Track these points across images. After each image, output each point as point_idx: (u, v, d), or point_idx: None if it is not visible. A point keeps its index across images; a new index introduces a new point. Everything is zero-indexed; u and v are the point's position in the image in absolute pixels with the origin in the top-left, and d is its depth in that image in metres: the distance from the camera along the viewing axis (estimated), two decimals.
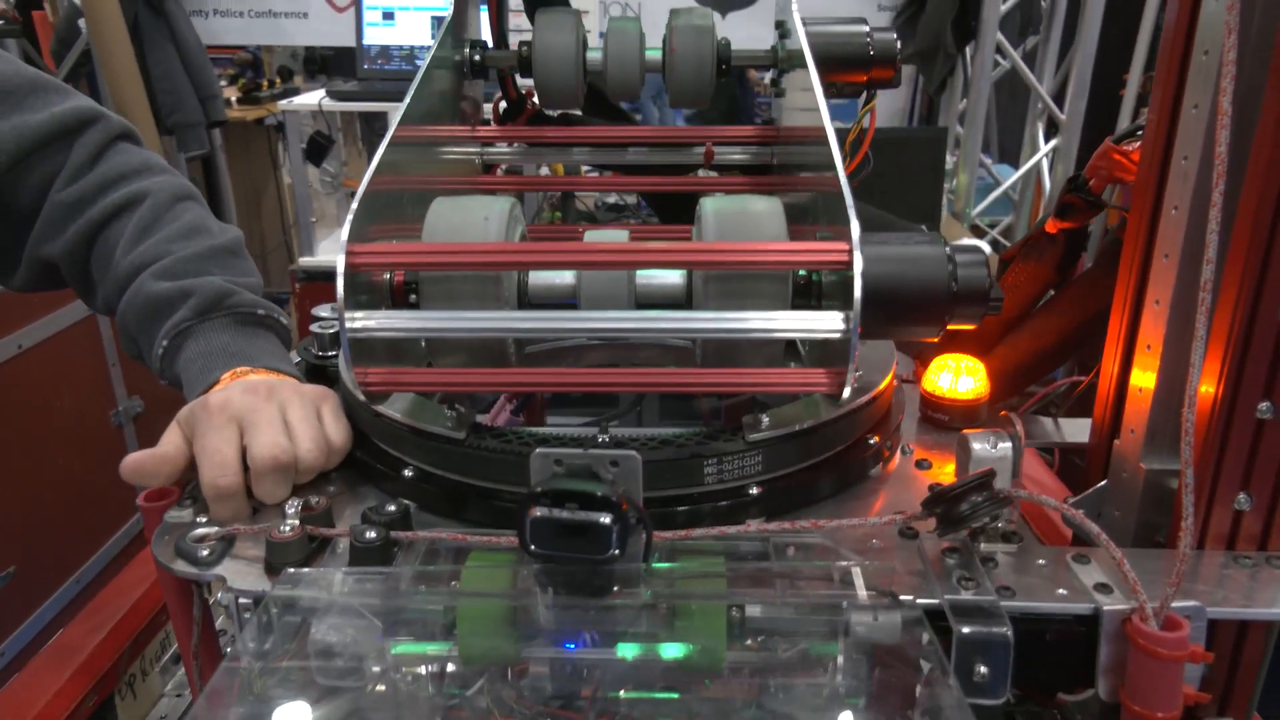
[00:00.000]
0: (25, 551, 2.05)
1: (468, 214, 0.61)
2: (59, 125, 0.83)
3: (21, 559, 2.05)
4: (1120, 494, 0.68)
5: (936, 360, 0.79)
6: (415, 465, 0.65)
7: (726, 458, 0.62)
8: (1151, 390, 0.64)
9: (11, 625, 2.04)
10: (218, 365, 0.75)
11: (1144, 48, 2.98)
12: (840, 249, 0.56)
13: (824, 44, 0.84)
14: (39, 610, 2.09)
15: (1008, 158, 3.77)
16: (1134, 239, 0.65)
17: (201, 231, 0.84)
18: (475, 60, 0.88)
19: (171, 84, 2.80)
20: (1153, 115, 0.64)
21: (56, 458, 2.15)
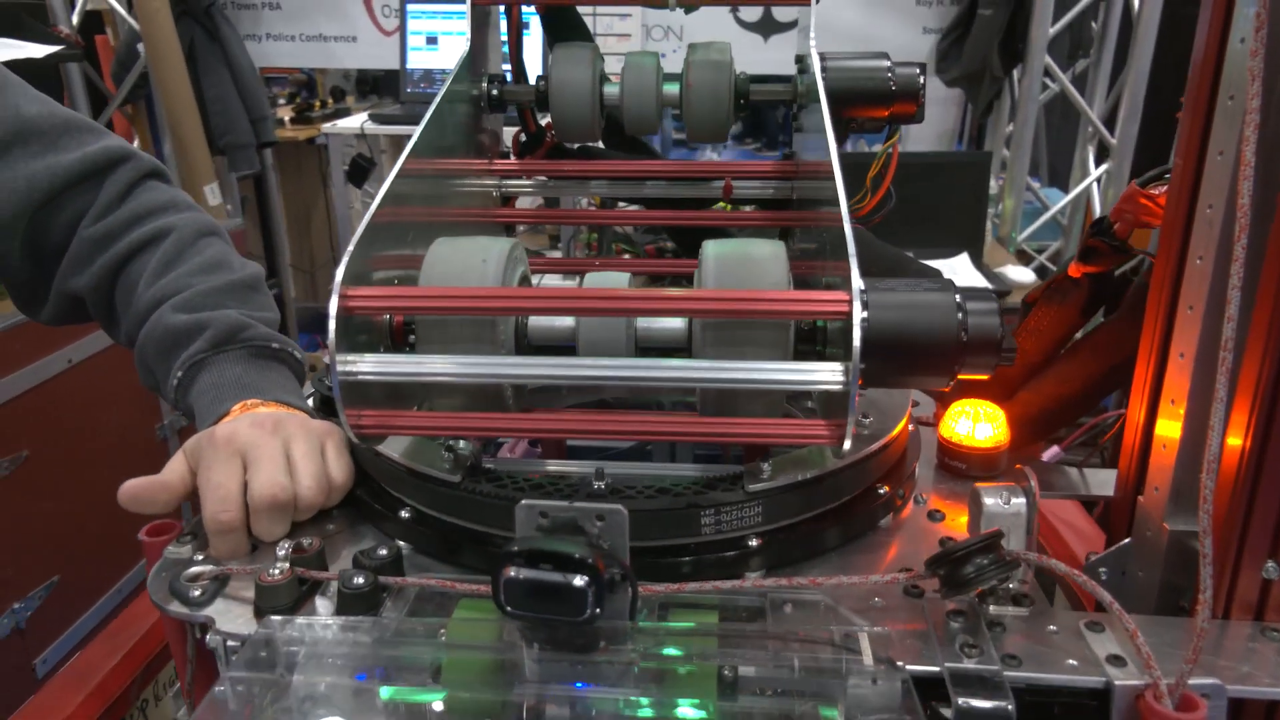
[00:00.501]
0: (68, 562, 2.10)
1: (466, 256, 0.60)
2: (90, 164, 0.85)
3: (64, 569, 2.11)
4: (1144, 554, 0.64)
5: (954, 405, 0.76)
6: (412, 506, 0.65)
7: (725, 508, 0.60)
8: (1176, 447, 0.61)
9: (54, 634, 2.09)
10: (229, 397, 0.75)
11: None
12: (840, 298, 0.54)
13: (844, 79, 0.82)
14: (80, 620, 2.14)
15: (1058, 180, 3.69)
16: (1159, 287, 0.62)
17: (222, 267, 0.85)
18: (493, 95, 0.88)
19: (224, 106, 2.87)
20: (1179, 159, 0.61)
21: (101, 470, 2.20)
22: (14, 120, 0.83)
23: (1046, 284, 0.76)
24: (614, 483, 0.61)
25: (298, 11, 2.97)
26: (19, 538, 1.99)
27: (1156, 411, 0.64)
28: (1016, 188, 2.81)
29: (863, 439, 0.69)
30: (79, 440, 2.11)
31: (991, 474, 0.75)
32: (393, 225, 0.67)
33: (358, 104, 4.83)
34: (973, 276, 2.36)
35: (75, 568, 2.11)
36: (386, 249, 0.65)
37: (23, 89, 0.86)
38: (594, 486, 0.61)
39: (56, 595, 2.09)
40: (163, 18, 2.66)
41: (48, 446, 2.06)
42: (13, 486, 1.95)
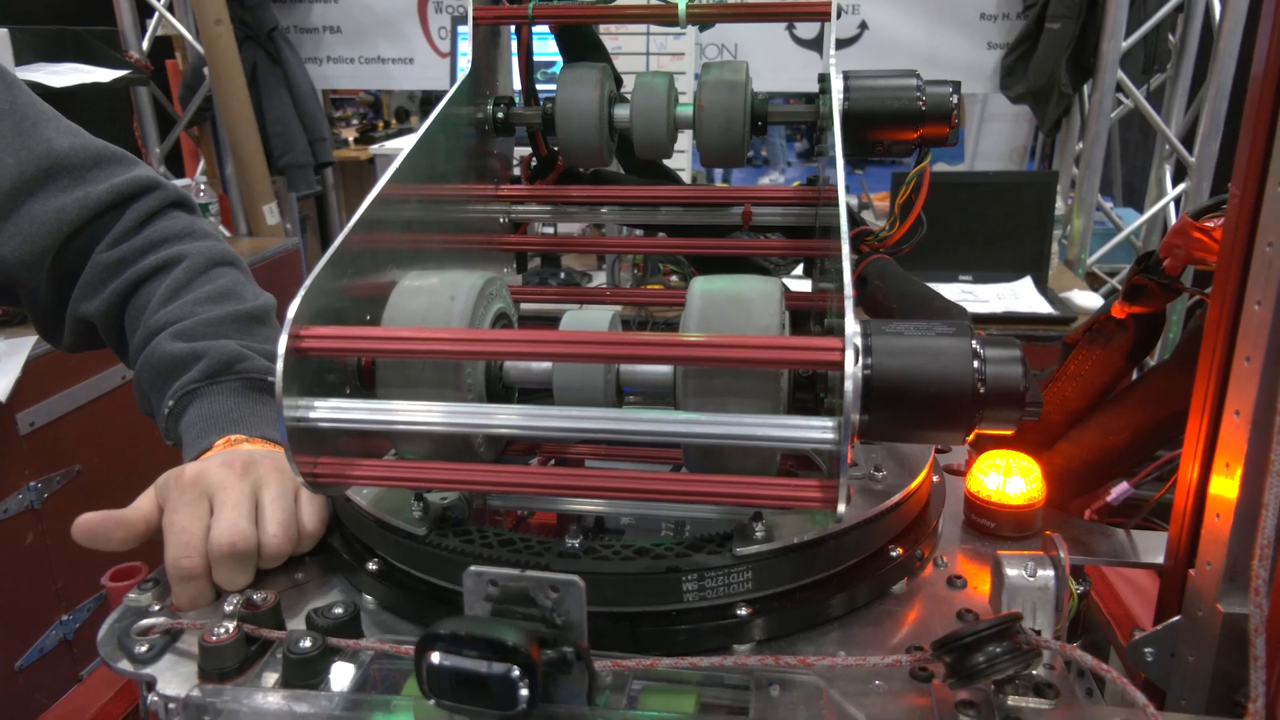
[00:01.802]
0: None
1: (433, 294, 0.56)
2: (117, 195, 0.85)
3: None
4: (1194, 635, 0.56)
5: (984, 457, 0.69)
6: (379, 558, 0.60)
7: (710, 573, 0.54)
8: (1230, 516, 0.53)
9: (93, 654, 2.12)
10: (214, 430, 0.73)
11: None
12: (834, 345, 0.48)
13: (870, 99, 0.76)
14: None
15: (1135, 200, 3.52)
16: (1214, 334, 0.55)
17: (230, 296, 0.84)
18: (498, 118, 0.84)
19: (284, 128, 2.92)
20: (1235, 189, 0.54)
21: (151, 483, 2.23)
22: (45, 155, 0.83)
23: (1087, 324, 0.68)
24: (588, 543, 0.56)
25: (357, 35, 3.01)
26: (69, 551, 2.02)
27: (1209, 473, 0.56)
28: (1086, 208, 2.67)
29: (874, 495, 0.62)
30: (130, 455, 2.15)
31: (1024, 534, 0.67)
32: (382, 252, 0.63)
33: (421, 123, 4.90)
34: (1036, 302, 2.24)
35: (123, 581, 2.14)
36: (374, 276, 0.62)
37: (55, 121, 0.86)
38: (566, 545, 0.56)
39: (104, 608, 2.12)
40: (226, 42, 2.73)
41: (100, 461, 2.10)
42: (64, 500, 1.98)
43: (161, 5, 2.90)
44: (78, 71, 2.51)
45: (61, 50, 2.57)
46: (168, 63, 3.14)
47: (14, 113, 0.83)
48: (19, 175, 0.82)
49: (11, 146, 0.82)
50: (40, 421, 1.94)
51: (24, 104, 0.84)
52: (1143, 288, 0.63)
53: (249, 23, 2.82)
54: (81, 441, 2.05)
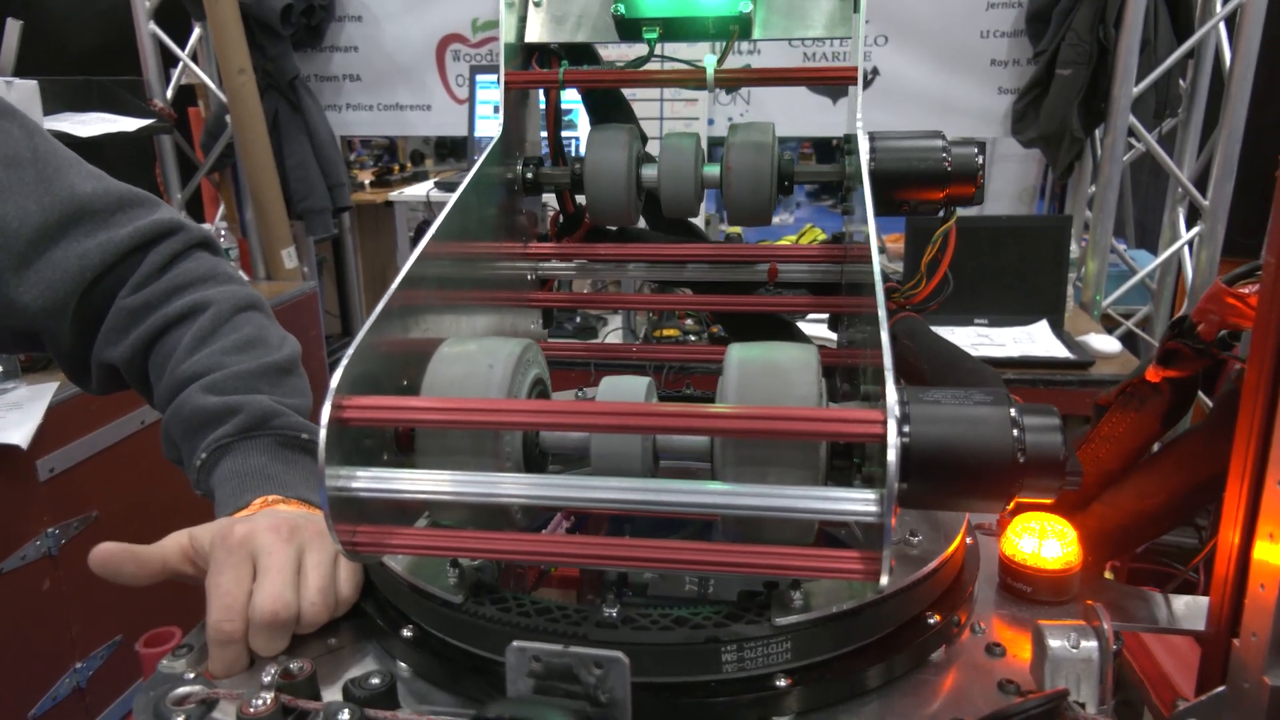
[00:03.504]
0: (131, 621, 2.13)
1: (471, 362, 0.57)
2: (141, 237, 0.85)
3: (128, 629, 2.13)
4: (1241, 708, 0.55)
5: (1018, 519, 0.68)
6: (414, 625, 0.60)
7: (749, 643, 0.54)
8: (1276, 588, 0.52)
9: (113, 694, 2.11)
10: (250, 488, 0.73)
11: None
12: (874, 418, 0.48)
13: (896, 160, 0.77)
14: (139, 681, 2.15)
15: (1148, 242, 3.52)
16: (1252, 399, 0.55)
17: (258, 344, 0.84)
18: (528, 178, 0.85)
19: (304, 173, 2.97)
20: (1270, 256, 0.54)
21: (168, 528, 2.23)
22: (69, 200, 0.83)
23: (1121, 387, 0.68)
24: (625, 610, 0.55)
25: (376, 82, 3.07)
26: (85, 597, 2.02)
27: (1251, 540, 0.55)
28: (1100, 251, 2.68)
29: (910, 560, 0.62)
30: (147, 500, 2.15)
31: (1061, 599, 0.67)
32: (418, 308, 0.64)
33: (435, 167, 4.98)
34: (1052, 345, 2.24)
35: (139, 627, 2.13)
36: (408, 334, 0.62)
37: (78, 167, 0.86)
38: (604, 614, 0.55)
39: (118, 655, 2.11)
40: (248, 91, 2.78)
41: (118, 506, 2.11)
42: (81, 546, 1.98)
43: (186, 55, 2.96)
44: (104, 121, 2.56)
45: (88, 100, 2.62)
46: (190, 110, 3.20)
47: (36, 160, 0.83)
48: (43, 222, 0.81)
49: (35, 193, 0.82)
50: (60, 468, 1.95)
51: (46, 150, 0.84)
52: (1177, 352, 0.63)
53: (271, 72, 2.88)
54: (100, 487, 2.06)
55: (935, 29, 2.74)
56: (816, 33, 0.82)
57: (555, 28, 0.85)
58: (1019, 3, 2.70)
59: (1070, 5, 2.54)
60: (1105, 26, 2.50)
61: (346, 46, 3.06)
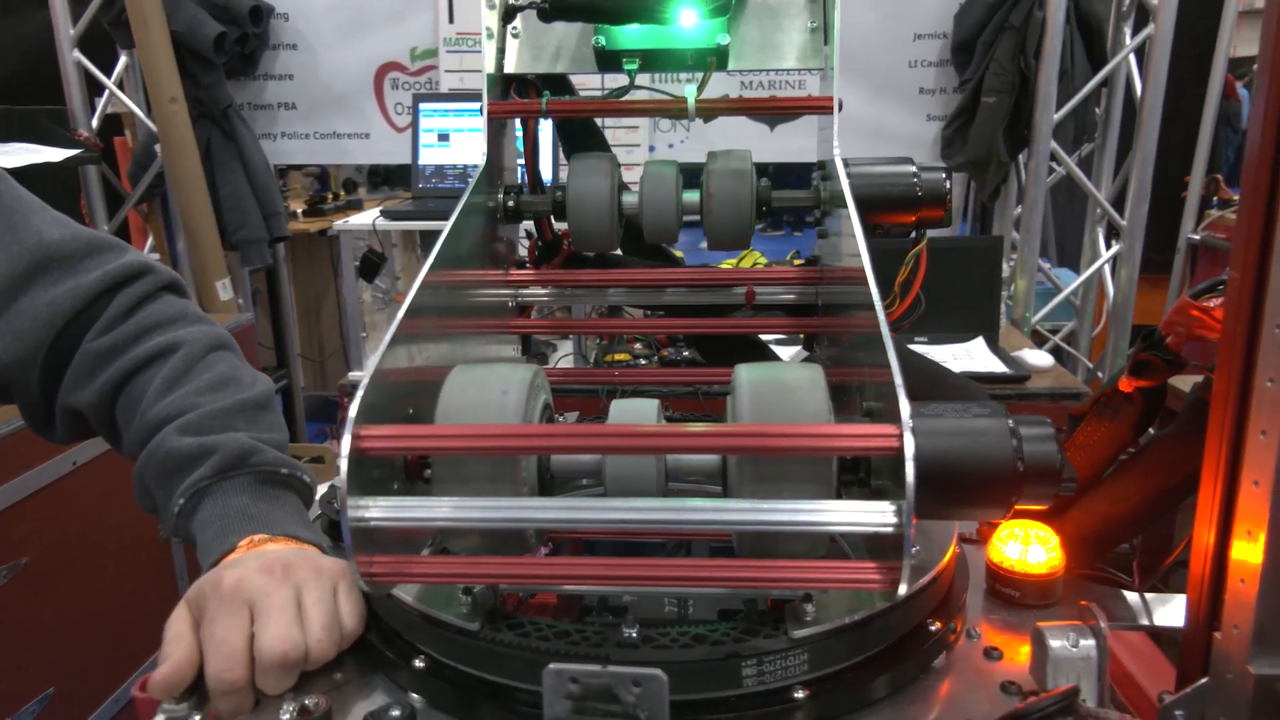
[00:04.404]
0: (64, 672, 2.03)
1: (484, 388, 0.57)
2: (110, 280, 0.83)
3: (61, 679, 2.03)
4: (1226, 698, 0.59)
5: (1003, 527, 0.71)
6: (427, 655, 0.60)
7: (767, 657, 0.55)
8: (1256, 581, 0.56)
9: None
10: (234, 530, 0.71)
11: (1204, 150, 2.92)
12: (889, 433, 0.50)
13: (870, 185, 0.80)
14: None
15: (1068, 260, 3.69)
16: (1222, 408, 0.58)
17: (231, 384, 0.82)
18: (509, 206, 0.86)
19: (238, 203, 2.90)
20: (1235, 272, 0.58)
21: (104, 574, 2.14)
22: (36, 248, 0.81)
23: (1095, 398, 0.72)
24: (644, 630, 0.56)
25: (312, 110, 3.03)
26: (16, 648, 1.92)
27: (1228, 539, 0.59)
28: (1029, 270, 2.80)
29: (911, 570, 0.64)
30: (81, 545, 2.06)
31: (1047, 602, 0.70)
32: (414, 337, 0.64)
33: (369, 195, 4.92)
34: (990, 361, 2.32)
35: (72, 679, 2.04)
36: (410, 361, 0.62)
37: (43, 213, 0.84)
38: (624, 635, 0.56)
39: (51, 708, 2.00)
40: (180, 120, 2.71)
41: (49, 552, 2.01)
42: (10, 595, 1.89)
43: (112, 83, 2.88)
44: (28, 151, 2.46)
45: (9, 131, 2.53)
46: (116, 140, 3.11)
47: (1, 209, 0.81)
48: (10, 272, 0.79)
49: (2, 243, 0.80)
50: None
51: (10, 198, 0.82)
52: (1148, 363, 0.67)
53: (204, 100, 2.82)
54: (31, 532, 1.96)
55: (866, 59, 2.83)
56: (789, 64, 0.85)
57: (534, 59, 0.86)
58: (944, 34, 2.82)
59: (992, 37, 2.66)
60: (1026, 57, 2.63)
61: (281, 75, 3.01)
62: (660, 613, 0.82)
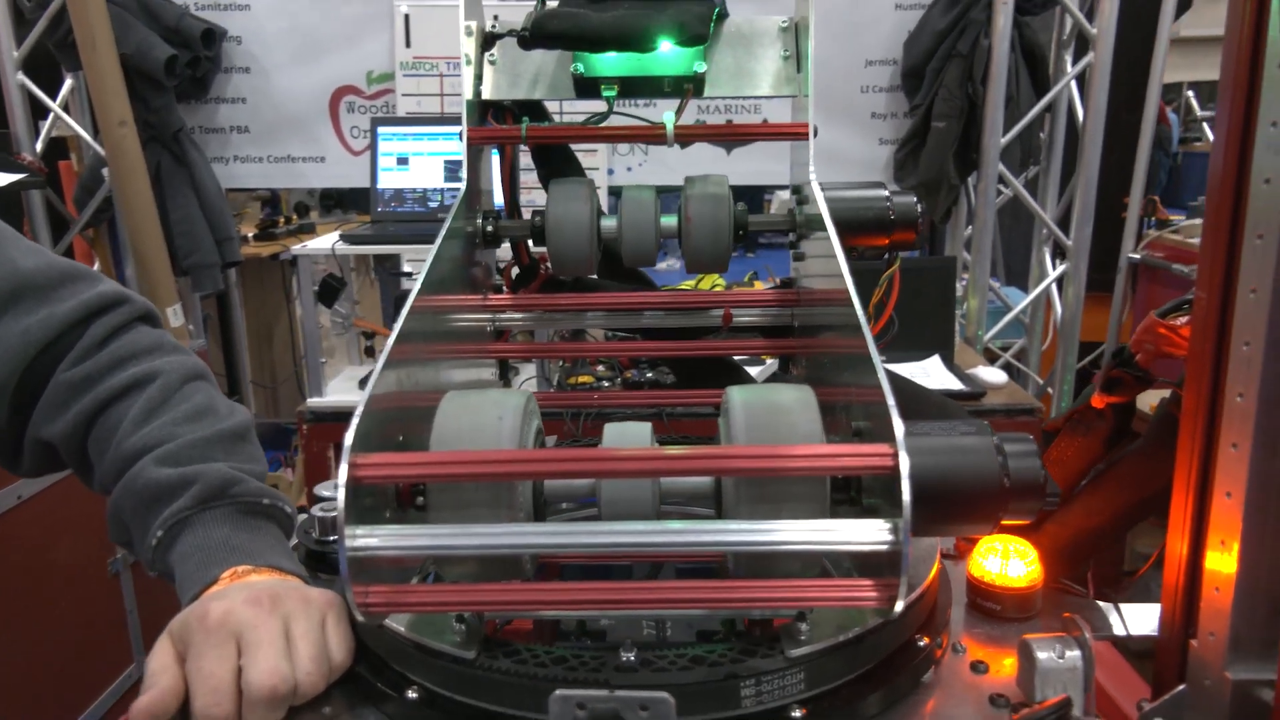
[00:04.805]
0: (14, 707, 1.95)
1: (479, 414, 0.57)
2: (84, 310, 0.82)
3: (12, 714, 1.95)
4: (1204, 703, 0.61)
5: (982, 542, 0.73)
6: (420, 685, 0.59)
7: (766, 677, 0.56)
8: (1231, 589, 0.58)
9: None
10: (216, 561, 0.70)
11: (1141, 172, 3.03)
12: (883, 452, 0.51)
13: (844, 209, 0.82)
14: None
15: (1014, 279, 3.79)
16: (1192, 423, 0.61)
17: (209, 414, 0.81)
18: (488, 231, 0.86)
19: (190, 227, 2.85)
20: (1201, 292, 0.61)
21: (52, 608, 2.07)
22: (10, 277, 0.79)
23: (1068, 415, 0.75)
24: (642, 653, 0.56)
25: (265, 134, 2.99)
26: None
27: (1201, 549, 0.61)
28: (980, 289, 2.87)
29: None
30: (27, 581, 1.99)
31: (1027, 615, 0.71)
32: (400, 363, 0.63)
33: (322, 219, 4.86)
34: (947, 379, 2.37)
35: (21, 714, 1.96)
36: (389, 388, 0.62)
37: (17, 241, 0.83)
38: (622, 659, 0.56)
39: None
40: (130, 143, 2.66)
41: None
42: None
43: (58, 107, 2.82)
44: None
45: None
46: (61, 164, 3.03)
47: None
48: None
49: None
50: None
51: None
52: (1119, 380, 0.70)
53: (154, 124, 2.77)
54: None
55: (819, 84, 2.87)
56: (764, 91, 0.87)
57: (512, 85, 0.87)
58: (894, 60, 2.90)
59: (941, 64, 2.74)
60: (973, 83, 2.71)
61: (234, 98, 2.97)
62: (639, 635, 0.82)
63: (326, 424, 2.32)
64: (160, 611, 2.36)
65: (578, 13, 0.78)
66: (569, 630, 0.78)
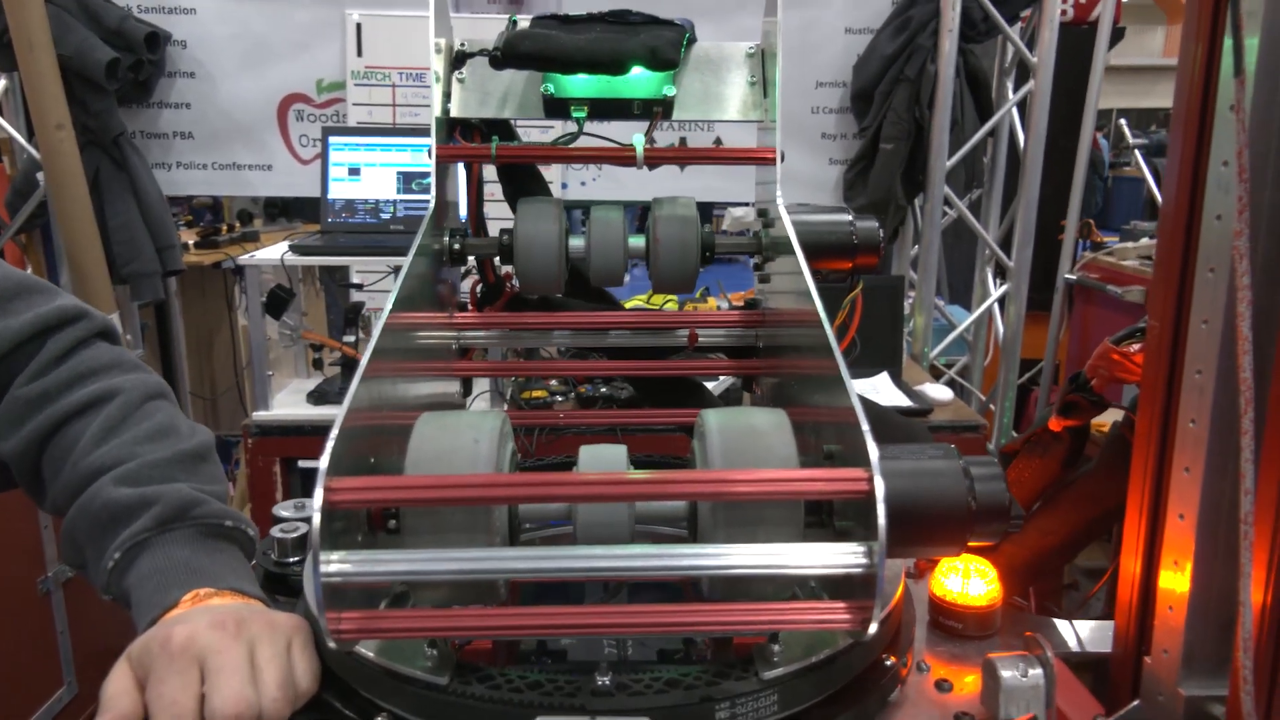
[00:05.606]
0: None
1: (456, 436, 0.57)
2: (41, 324, 0.79)
3: None
4: (1158, 719, 0.63)
5: (944, 561, 0.75)
6: (390, 711, 0.58)
7: (740, 699, 0.56)
8: (1184, 608, 0.60)
9: None
10: (177, 584, 0.68)
11: (1078, 196, 3.14)
12: (858, 476, 0.52)
13: (809, 233, 0.84)
14: None
15: (958, 297, 3.88)
16: (1145, 447, 0.63)
17: (170, 434, 0.79)
18: (454, 248, 0.86)
19: (129, 234, 2.77)
20: (1154, 321, 0.63)
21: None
22: None
23: (1025, 437, 0.77)
24: (616, 677, 0.56)
25: (210, 141, 2.92)
26: None
27: (1154, 569, 0.63)
28: (926, 307, 2.94)
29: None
30: None
31: (987, 633, 0.73)
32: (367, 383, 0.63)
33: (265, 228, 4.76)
34: (895, 395, 2.42)
35: None
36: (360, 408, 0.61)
37: None
38: (597, 683, 0.56)
39: None
40: (67, 148, 2.57)
41: None
42: None
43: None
44: None
45: None
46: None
47: None
48: None
49: None
50: None
51: None
52: (1075, 404, 0.72)
53: (93, 128, 2.69)
54: None
55: None
56: (731, 116, 0.88)
57: (481, 104, 0.87)
58: (844, 83, 2.96)
59: (889, 88, 2.81)
60: (920, 107, 2.78)
61: (178, 103, 2.90)
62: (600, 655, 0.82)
63: (273, 438, 2.27)
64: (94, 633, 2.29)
65: (550, 34, 0.79)
66: (529, 650, 0.78)
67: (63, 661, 2.20)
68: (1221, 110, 0.57)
